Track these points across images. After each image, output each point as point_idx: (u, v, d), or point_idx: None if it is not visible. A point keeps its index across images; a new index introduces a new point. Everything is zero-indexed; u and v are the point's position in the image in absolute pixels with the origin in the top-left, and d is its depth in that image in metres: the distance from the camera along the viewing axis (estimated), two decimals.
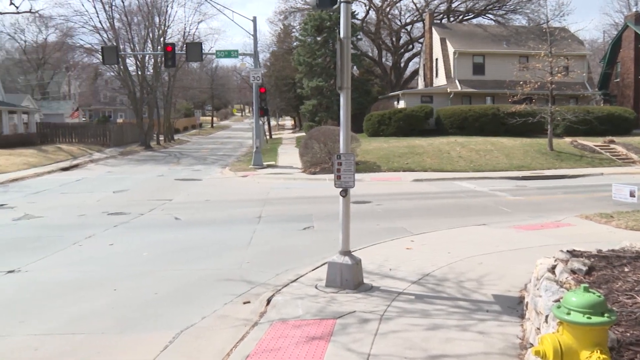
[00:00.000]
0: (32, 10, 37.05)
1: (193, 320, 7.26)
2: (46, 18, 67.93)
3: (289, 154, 38.54)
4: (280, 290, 8.31)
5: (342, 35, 8.26)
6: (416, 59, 62.33)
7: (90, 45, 56.69)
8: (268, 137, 59.45)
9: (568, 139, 34.27)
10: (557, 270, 6.08)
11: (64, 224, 15.60)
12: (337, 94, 9.48)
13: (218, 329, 7.00)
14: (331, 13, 46.74)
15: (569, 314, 3.66)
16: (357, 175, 10.34)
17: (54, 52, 70.92)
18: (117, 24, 53.40)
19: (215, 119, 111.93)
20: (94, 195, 22.16)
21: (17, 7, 19.36)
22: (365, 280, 8.49)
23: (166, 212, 17.17)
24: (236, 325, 7.04)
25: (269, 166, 31.42)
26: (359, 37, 55.37)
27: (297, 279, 8.89)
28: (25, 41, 74.58)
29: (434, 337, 6.30)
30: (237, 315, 7.45)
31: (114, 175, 30.74)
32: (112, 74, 63.59)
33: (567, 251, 6.70)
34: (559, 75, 31.31)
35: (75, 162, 38.95)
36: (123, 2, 53.03)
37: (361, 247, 10.71)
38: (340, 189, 8.38)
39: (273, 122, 77.75)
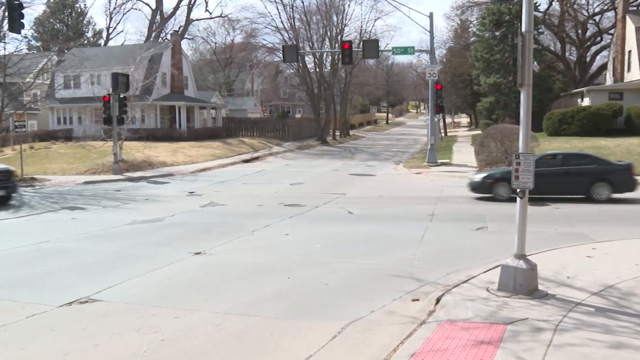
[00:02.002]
0: (222, 15, 39.83)
1: (361, 313, 7.37)
2: (233, 21, 72.89)
3: (463, 152, 37.65)
4: (450, 290, 8.15)
5: (523, 29, 7.88)
6: (604, 53, 57.57)
7: (272, 45, 59.85)
8: (443, 134, 58.56)
9: None
10: None
11: (244, 213, 16.62)
12: (516, 91, 9.08)
13: (385, 323, 7.04)
14: (510, 6, 44.76)
15: None
16: None
17: (240, 52, 75.78)
18: (297, 24, 55.76)
19: (390, 115, 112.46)
20: (272, 186, 23.30)
21: (210, 13, 20.96)
22: (539, 287, 8.04)
23: (340, 205, 17.59)
24: (403, 322, 7.03)
25: (443, 164, 30.94)
26: (540, 30, 52.40)
27: (468, 280, 8.66)
28: (215, 43, 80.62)
29: (616, 357, 5.78)
30: (405, 312, 7.43)
31: (291, 168, 32.08)
32: (291, 71, 66.51)
33: None
34: None
35: (255, 154, 41.26)
36: (303, 3, 55.33)
37: (537, 252, 10.16)
38: (518, 190, 8.02)
39: (448, 120, 76.34)
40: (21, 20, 20.64)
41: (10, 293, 8.60)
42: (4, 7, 25.47)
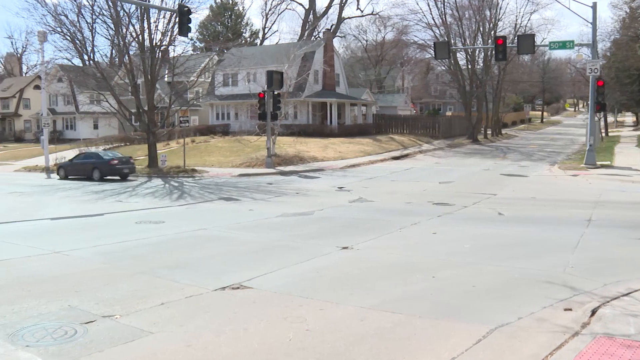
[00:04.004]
0: (373, 13, 40.13)
1: (508, 318, 7.09)
2: (385, 18, 73.06)
3: (627, 154, 34.92)
4: (608, 302, 7.59)
5: None
6: None
7: (423, 42, 59.23)
8: (603, 134, 54.73)
9: None
10: None
11: (392, 209, 16.65)
12: None
13: (534, 332, 6.72)
14: None
15: None
16: None
17: (391, 49, 75.83)
18: (448, 20, 54.70)
19: (545, 113, 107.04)
20: (420, 184, 23.13)
21: (361, 11, 21.23)
22: None
23: (490, 206, 17.08)
24: (554, 332, 6.67)
25: (602, 166, 28.91)
26: None
27: (630, 293, 8.00)
28: (366, 40, 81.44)
29: None
30: (556, 321, 7.05)
31: (440, 167, 31.65)
32: (442, 68, 65.45)
33: None
34: None
35: (405, 152, 41.13)
36: None
37: None
38: None
39: (610, 119, 71.19)
40: (188, 25, 22.25)
41: (171, 274, 9.32)
42: (174, 13, 27.49)
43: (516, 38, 35.31)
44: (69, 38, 33.59)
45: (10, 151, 57.91)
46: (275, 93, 32.65)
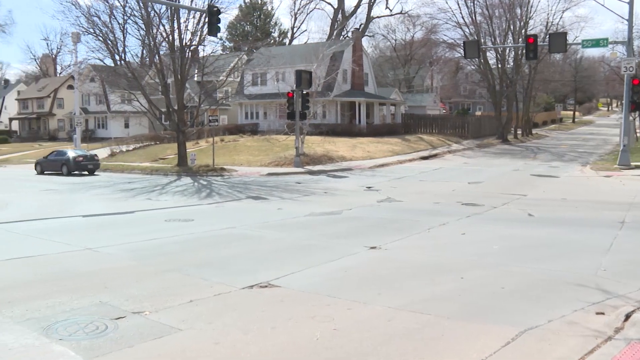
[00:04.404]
0: (402, 12, 39.97)
1: (538, 321, 6.99)
2: (413, 17, 72.67)
3: None
4: None
5: None
6: None
7: (452, 41, 58.74)
8: (638, 134, 53.63)
9: None
10: None
11: (420, 209, 16.57)
12: None
13: (564, 335, 6.62)
14: None
15: None
16: None
17: (419, 48, 75.40)
18: (478, 18, 54.19)
19: (577, 113, 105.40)
20: (449, 184, 22.98)
21: (390, 10, 21.14)
22: None
23: (519, 207, 16.88)
24: (585, 335, 6.56)
25: (637, 167, 28.36)
26: None
27: None
28: (395, 40, 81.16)
29: None
30: (587, 325, 6.93)
31: (469, 167, 31.41)
32: (472, 67, 64.91)
33: None
34: None
35: (434, 152, 40.89)
36: None
37: None
38: None
39: None
40: (218, 25, 22.45)
41: (200, 272, 9.41)
42: (204, 13, 27.73)
43: (547, 36, 34.84)
44: (101, 39, 34.11)
45: (45, 149, 59.01)
46: (304, 92, 32.72)
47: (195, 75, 42.33)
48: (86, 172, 34.07)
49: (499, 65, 56.28)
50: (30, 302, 7.72)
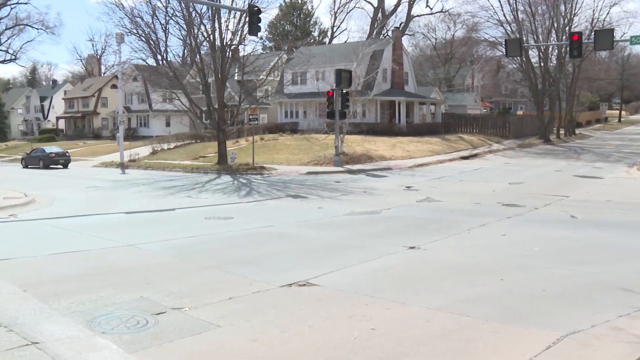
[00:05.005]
0: (443, 10, 39.65)
1: (580, 325, 6.83)
2: (454, 16, 71.94)
3: None
4: None
5: None
6: None
7: (493, 39, 57.91)
8: None
9: None
10: None
11: (460, 210, 16.41)
12: None
13: (608, 341, 6.45)
14: None
15: None
16: None
17: (460, 47, 74.58)
18: (520, 16, 53.33)
19: (623, 112, 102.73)
20: (489, 185, 22.70)
21: (431, 9, 21.00)
22: None
23: (562, 208, 16.56)
24: (631, 342, 6.38)
25: None
26: None
27: None
28: (435, 38, 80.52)
29: None
30: (634, 332, 6.73)
31: (510, 167, 30.97)
32: (514, 66, 63.87)
33: None
34: None
35: (474, 151, 40.43)
36: None
37: None
38: None
39: None
40: (258, 24, 22.61)
41: (239, 269, 9.50)
42: (244, 13, 27.97)
43: (593, 33, 34.00)
44: (143, 39, 34.78)
45: (89, 148, 60.45)
46: (344, 91, 32.69)
47: (236, 75, 42.74)
48: (60, 166, 40.35)
49: (542, 64, 55.27)
50: (74, 295, 7.92)
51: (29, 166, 42.07)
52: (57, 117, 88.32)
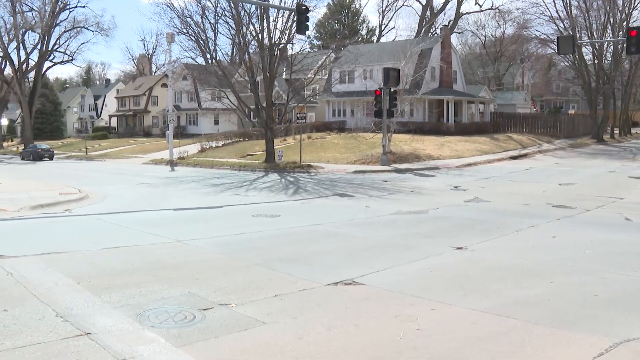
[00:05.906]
0: (493, 7, 39.13)
1: (635, 333, 6.60)
2: (504, 13, 70.76)
3: None
4: None
5: None
6: None
7: (545, 36, 56.62)
8: None
9: None
10: None
11: (509, 211, 16.13)
12: None
13: None
14: None
15: None
16: None
17: (510, 45, 73.29)
18: (574, 12, 51.99)
19: None
20: (539, 185, 22.26)
21: (480, 6, 20.70)
22: None
23: (615, 210, 16.09)
24: None
25: None
26: None
27: None
28: (484, 36, 79.35)
29: None
30: None
31: (561, 168, 30.29)
32: (566, 64, 62.33)
33: None
34: None
35: (524, 151, 39.71)
36: None
37: None
38: None
39: None
40: (306, 23, 22.72)
41: (285, 267, 9.56)
42: (292, 12, 28.12)
43: None
44: (193, 38, 35.35)
45: (140, 145, 61.80)
46: (392, 90, 32.53)
47: (284, 73, 43.04)
48: (46, 159, 51.54)
49: (596, 61, 53.78)
50: (125, 289, 8.12)
51: (25, 159, 52.66)
52: (109, 115, 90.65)
